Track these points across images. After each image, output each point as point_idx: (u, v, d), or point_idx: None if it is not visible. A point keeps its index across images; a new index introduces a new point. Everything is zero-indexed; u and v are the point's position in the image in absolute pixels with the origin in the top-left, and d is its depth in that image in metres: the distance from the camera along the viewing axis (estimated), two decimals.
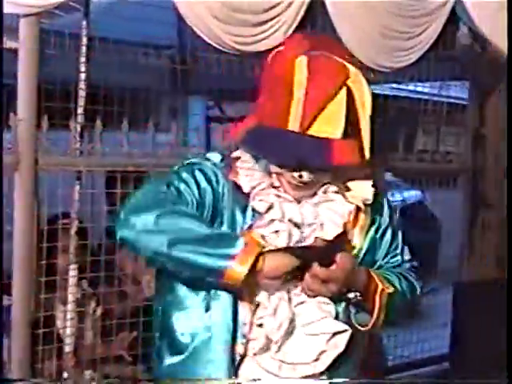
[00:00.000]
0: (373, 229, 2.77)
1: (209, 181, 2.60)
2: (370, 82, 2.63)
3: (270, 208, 2.59)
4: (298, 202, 2.62)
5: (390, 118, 5.78)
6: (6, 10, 3.58)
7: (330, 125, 2.46)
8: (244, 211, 2.61)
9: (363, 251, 2.74)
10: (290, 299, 2.58)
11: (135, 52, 4.69)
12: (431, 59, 5.36)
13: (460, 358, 4.64)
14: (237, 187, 2.62)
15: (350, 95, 2.49)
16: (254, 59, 4.48)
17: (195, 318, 2.59)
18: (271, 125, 2.50)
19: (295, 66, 2.47)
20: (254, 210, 2.61)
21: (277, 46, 3.86)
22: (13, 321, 3.96)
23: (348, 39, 4.45)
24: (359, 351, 2.73)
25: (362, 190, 2.69)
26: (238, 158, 2.65)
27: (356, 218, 2.70)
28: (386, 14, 4.90)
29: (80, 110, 4.20)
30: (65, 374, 4.27)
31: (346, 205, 2.66)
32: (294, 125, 2.45)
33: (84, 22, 4.16)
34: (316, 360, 2.57)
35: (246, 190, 2.60)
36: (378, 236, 2.78)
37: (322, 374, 2.61)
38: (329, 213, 2.63)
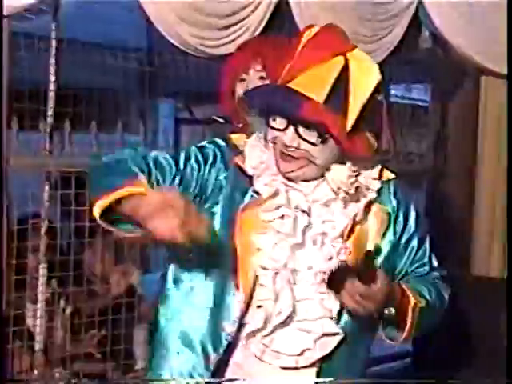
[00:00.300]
0: (390, 233, 2.69)
1: (204, 160, 2.61)
2: None
3: (275, 194, 2.56)
4: (297, 182, 2.56)
5: None
6: None
7: (312, 85, 2.46)
8: (244, 193, 2.59)
9: (381, 256, 2.67)
10: (292, 290, 2.55)
11: (103, 54, 4.69)
12: (394, 62, 5.37)
13: (420, 355, 4.68)
14: (240, 170, 2.60)
15: (346, 67, 2.47)
16: (220, 62, 4.51)
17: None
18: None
19: (304, 34, 2.53)
20: (255, 191, 2.59)
21: None
22: None
23: None
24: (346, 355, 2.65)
25: (339, 173, 2.60)
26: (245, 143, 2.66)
27: (367, 211, 2.63)
28: (351, 17, 4.93)
29: (50, 112, 4.20)
30: (35, 372, 4.28)
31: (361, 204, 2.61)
32: (283, 79, 2.51)
33: (53, 25, 4.16)
34: (299, 355, 2.54)
35: (249, 171, 2.60)
36: (402, 242, 2.71)
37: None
38: (338, 214, 2.58)
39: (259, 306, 2.52)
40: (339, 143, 2.48)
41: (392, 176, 2.71)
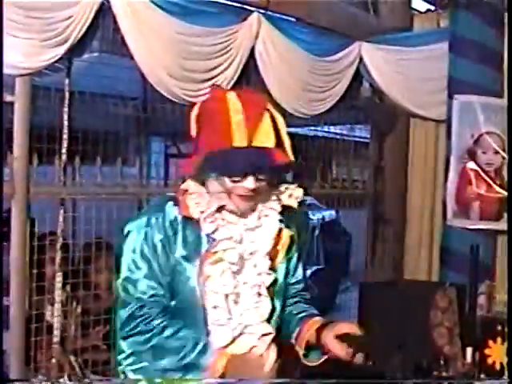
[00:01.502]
0: (294, 248, 2.76)
1: (165, 238, 2.56)
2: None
3: (216, 229, 2.57)
4: (245, 216, 2.60)
5: (310, 154, 5.86)
6: (5, 71, 3.59)
7: (265, 137, 2.52)
8: (199, 238, 2.58)
9: (283, 271, 2.73)
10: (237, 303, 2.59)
11: (107, 103, 4.71)
12: (341, 108, 5.44)
13: None
14: (190, 220, 2.58)
15: (272, 116, 2.57)
16: None
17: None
18: (219, 148, 2.50)
19: (228, 100, 2.54)
20: (207, 234, 2.58)
21: None
22: (11, 317, 3.96)
23: (275, 92, 4.55)
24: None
25: (294, 191, 2.72)
26: (186, 191, 2.62)
27: (280, 233, 2.69)
28: (306, 72, 5.00)
29: (63, 150, 4.21)
30: (53, 360, 4.28)
31: (274, 224, 2.66)
32: (240, 142, 2.48)
33: (66, 80, 4.20)
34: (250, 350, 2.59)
35: (195, 216, 2.57)
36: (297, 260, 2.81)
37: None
38: (261, 236, 2.64)
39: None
40: (286, 171, 2.65)
41: (295, 205, 2.74)
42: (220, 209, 2.59)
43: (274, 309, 2.67)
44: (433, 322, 4.33)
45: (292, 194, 2.72)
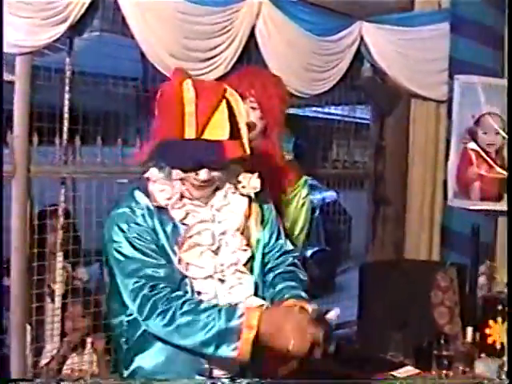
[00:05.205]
0: (268, 223, 2.78)
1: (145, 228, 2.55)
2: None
3: (187, 214, 2.58)
4: (205, 203, 2.61)
5: (311, 135, 5.85)
6: (6, 49, 3.59)
7: (218, 129, 2.48)
8: (175, 225, 2.58)
9: (262, 243, 2.74)
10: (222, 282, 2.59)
11: (107, 83, 4.69)
12: (342, 88, 5.43)
13: (364, 324, 4.69)
14: (161, 208, 2.58)
15: (229, 105, 2.52)
16: None
17: None
18: (171, 138, 2.48)
19: (183, 88, 2.50)
20: (179, 221, 2.58)
21: (220, 77, 3.93)
22: (11, 296, 3.97)
23: (276, 71, 4.49)
24: None
25: (251, 181, 2.70)
26: (148, 180, 2.62)
27: (249, 209, 2.70)
28: (307, 51, 4.98)
29: (64, 129, 4.21)
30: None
31: (241, 201, 2.68)
32: (189, 133, 2.45)
33: (67, 59, 4.20)
34: None
35: (163, 203, 2.56)
36: (274, 233, 2.81)
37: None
38: (229, 214, 2.65)
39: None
40: (243, 161, 2.58)
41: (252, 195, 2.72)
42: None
43: (257, 284, 2.67)
44: (433, 302, 4.34)
45: (246, 187, 2.69)
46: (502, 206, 5.57)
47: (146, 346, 2.58)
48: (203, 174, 2.52)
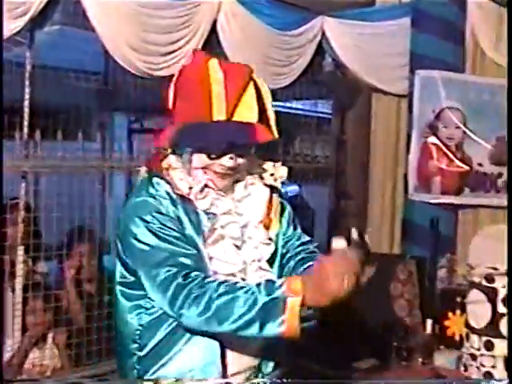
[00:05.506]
0: (286, 214, 2.63)
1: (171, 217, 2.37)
2: None
3: (211, 205, 2.42)
4: (226, 194, 2.46)
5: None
6: None
7: (248, 111, 2.35)
8: (199, 214, 2.42)
9: (281, 233, 2.59)
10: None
11: (68, 77, 4.68)
12: (303, 82, 5.44)
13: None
14: (183, 197, 2.41)
15: (256, 87, 2.40)
16: (163, 81, 4.52)
17: None
18: (196, 121, 2.33)
19: (209, 68, 2.36)
20: (203, 211, 2.42)
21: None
22: None
23: None
24: None
25: (279, 170, 2.60)
26: (168, 168, 2.45)
27: (270, 201, 2.55)
28: (268, 45, 5.00)
29: (25, 123, 4.18)
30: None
31: (263, 191, 2.54)
32: (218, 116, 2.32)
33: (28, 53, 4.17)
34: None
35: (185, 192, 2.39)
36: (291, 224, 2.65)
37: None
38: (251, 206, 2.50)
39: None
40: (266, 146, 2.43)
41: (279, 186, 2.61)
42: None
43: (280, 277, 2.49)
44: (393, 294, 4.38)
45: (274, 174, 2.59)
46: (463, 199, 5.63)
47: (167, 353, 2.42)
48: (229, 160, 2.39)
